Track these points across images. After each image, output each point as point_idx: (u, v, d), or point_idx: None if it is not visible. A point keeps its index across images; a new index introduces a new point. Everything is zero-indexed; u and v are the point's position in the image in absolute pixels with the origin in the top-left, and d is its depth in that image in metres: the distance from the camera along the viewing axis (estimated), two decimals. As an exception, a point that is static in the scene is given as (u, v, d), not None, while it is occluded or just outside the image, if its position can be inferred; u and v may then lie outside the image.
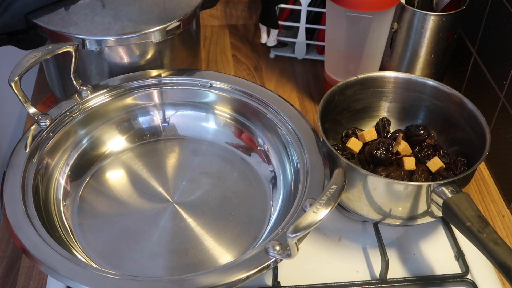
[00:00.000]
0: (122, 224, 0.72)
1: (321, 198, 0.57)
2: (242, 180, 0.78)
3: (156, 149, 0.82)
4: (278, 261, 0.59)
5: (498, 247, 0.59)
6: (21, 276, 0.75)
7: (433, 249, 0.74)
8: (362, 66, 0.91)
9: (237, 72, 1.07)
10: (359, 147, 0.78)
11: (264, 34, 1.07)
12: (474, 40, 0.92)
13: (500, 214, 0.84)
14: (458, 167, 0.74)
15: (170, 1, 0.83)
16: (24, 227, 0.62)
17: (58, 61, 0.82)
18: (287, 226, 0.62)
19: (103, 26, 0.78)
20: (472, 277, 0.71)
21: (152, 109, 0.83)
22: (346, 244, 0.75)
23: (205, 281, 0.58)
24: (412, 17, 0.87)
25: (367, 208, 0.71)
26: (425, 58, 0.91)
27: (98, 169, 0.78)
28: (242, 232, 0.71)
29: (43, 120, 0.73)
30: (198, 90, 0.82)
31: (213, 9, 1.16)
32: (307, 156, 0.71)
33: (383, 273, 0.70)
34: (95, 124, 0.79)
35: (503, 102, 0.83)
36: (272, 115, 0.78)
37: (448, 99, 0.78)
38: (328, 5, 0.87)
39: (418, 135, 0.79)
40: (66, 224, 0.70)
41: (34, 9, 0.78)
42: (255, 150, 0.80)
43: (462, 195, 0.65)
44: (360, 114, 0.83)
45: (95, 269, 0.61)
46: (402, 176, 0.74)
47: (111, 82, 0.80)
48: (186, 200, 0.75)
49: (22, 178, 0.67)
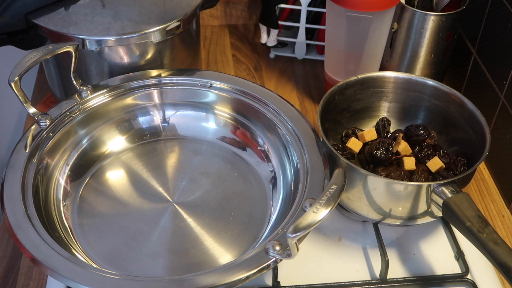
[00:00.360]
0: (122, 224, 0.72)
1: (321, 198, 0.57)
2: (242, 180, 0.78)
3: (156, 149, 0.82)
4: (278, 261, 0.59)
5: (498, 247, 0.59)
6: (21, 276, 0.75)
7: (433, 249, 0.74)
8: (362, 66, 0.91)
9: (237, 72, 1.07)
10: (359, 147, 0.78)
11: (264, 34, 1.07)
12: (474, 40, 0.92)
13: (500, 214, 0.84)
14: (458, 167, 0.74)
15: (170, 1, 0.83)
16: (24, 227, 0.62)
17: (58, 61, 0.82)
18: (287, 226, 0.62)
19: (103, 26, 0.78)
20: (472, 277, 0.71)
21: (152, 109, 0.83)
22: (346, 244, 0.75)
23: (205, 281, 0.58)
24: (412, 17, 0.87)
25: (367, 208, 0.71)
26: (425, 58, 0.91)
27: (98, 169, 0.78)
28: (242, 232, 0.71)
29: (43, 120, 0.73)
30: (198, 90, 0.82)
31: (213, 9, 1.16)
32: (307, 156, 0.71)
33: (383, 273, 0.70)
34: (95, 124, 0.79)
35: (503, 102, 0.83)
36: (272, 115, 0.78)
37: (448, 99, 0.78)
38: (328, 5, 0.87)
39: (418, 135, 0.79)
40: (66, 224, 0.70)
41: (34, 9, 0.78)
42: (255, 150, 0.80)
43: (462, 195, 0.65)
44: (360, 114, 0.83)
45: (95, 269, 0.61)
46: (402, 176, 0.74)
47: (111, 82, 0.80)
48: (186, 200, 0.75)
49: (22, 178, 0.67)
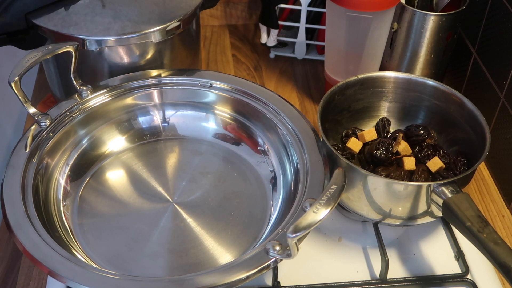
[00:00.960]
0: (122, 224, 0.72)
1: (321, 198, 0.57)
2: (242, 180, 0.78)
3: (156, 149, 0.82)
4: (278, 261, 0.59)
5: (498, 247, 0.59)
6: (21, 276, 0.75)
7: (433, 249, 0.74)
8: (362, 66, 0.91)
9: (237, 72, 1.07)
10: (359, 147, 0.78)
11: (264, 34, 1.07)
12: (474, 40, 0.92)
13: (500, 214, 0.84)
14: (458, 167, 0.74)
15: (170, 1, 0.83)
16: (24, 227, 0.62)
17: (58, 61, 0.82)
18: (287, 226, 0.62)
19: (103, 26, 0.78)
20: (472, 277, 0.71)
21: (152, 109, 0.83)
22: (346, 244, 0.75)
23: (205, 281, 0.58)
24: (412, 17, 0.87)
25: (367, 208, 0.71)
26: (425, 58, 0.91)
27: (98, 169, 0.78)
28: (242, 232, 0.71)
29: (43, 120, 0.73)
30: (198, 90, 0.82)
31: (213, 9, 1.16)
32: (307, 156, 0.71)
33: (383, 273, 0.70)
34: (95, 124, 0.79)
35: (503, 102, 0.83)
36: (272, 115, 0.78)
37: (448, 99, 0.78)
38: (328, 5, 0.87)
39: (418, 135, 0.79)
40: (66, 224, 0.70)
41: (34, 9, 0.78)
42: (255, 150, 0.80)
43: (462, 195, 0.65)
44: (360, 114, 0.83)
45: (95, 269, 0.61)
46: (402, 176, 0.74)
47: (111, 82, 0.80)
48: (186, 200, 0.75)
49: (22, 178, 0.67)
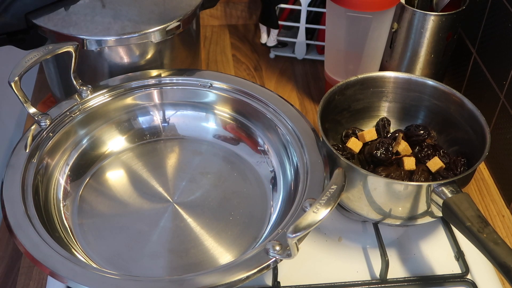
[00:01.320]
0: (122, 224, 0.72)
1: (321, 198, 0.57)
2: (242, 180, 0.78)
3: (156, 149, 0.82)
4: (278, 261, 0.59)
5: (498, 247, 0.59)
6: (21, 276, 0.75)
7: (433, 249, 0.74)
8: (362, 66, 0.91)
9: (237, 72, 1.07)
10: (359, 147, 0.78)
11: (264, 34, 1.07)
12: (474, 40, 0.92)
13: (500, 214, 0.84)
14: (458, 167, 0.74)
15: (170, 1, 0.83)
16: (24, 227, 0.62)
17: (58, 61, 0.82)
18: (287, 226, 0.62)
19: (103, 26, 0.78)
20: (472, 277, 0.71)
21: (152, 109, 0.83)
22: (346, 244, 0.75)
23: (205, 281, 0.58)
24: (412, 17, 0.87)
25: (367, 208, 0.71)
26: (425, 58, 0.91)
27: (98, 169, 0.78)
28: (242, 232, 0.71)
29: (43, 120, 0.73)
30: (198, 90, 0.82)
31: (213, 9, 1.16)
32: (307, 156, 0.71)
33: (383, 273, 0.70)
34: (95, 124, 0.79)
35: (503, 102, 0.83)
36: (272, 115, 0.78)
37: (448, 99, 0.78)
38: (328, 5, 0.87)
39: (418, 135, 0.79)
40: (66, 224, 0.70)
41: (34, 9, 0.78)
42: (255, 150, 0.80)
43: (462, 195, 0.65)
44: (360, 114, 0.83)
45: (95, 269, 0.61)
46: (402, 176, 0.74)
47: (111, 82, 0.80)
48: (186, 200, 0.75)
49: (22, 178, 0.67)
